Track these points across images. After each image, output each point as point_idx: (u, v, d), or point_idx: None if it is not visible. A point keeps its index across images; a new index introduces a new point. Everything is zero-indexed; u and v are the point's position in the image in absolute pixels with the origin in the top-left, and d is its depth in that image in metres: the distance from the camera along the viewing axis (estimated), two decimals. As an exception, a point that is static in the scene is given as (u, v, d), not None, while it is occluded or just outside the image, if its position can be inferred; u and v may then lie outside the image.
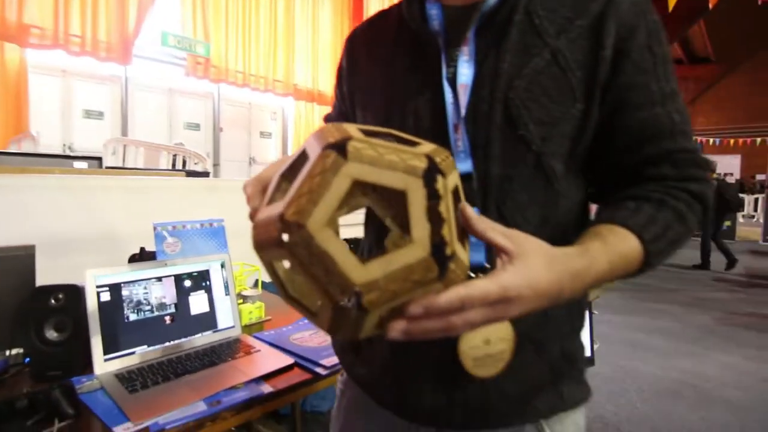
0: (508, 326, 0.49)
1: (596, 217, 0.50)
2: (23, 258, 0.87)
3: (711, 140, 10.92)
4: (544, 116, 0.49)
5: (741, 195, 8.13)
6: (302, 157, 0.38)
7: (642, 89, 0.49)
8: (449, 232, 0.35)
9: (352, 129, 0.36)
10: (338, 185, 0.33)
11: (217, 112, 5.43)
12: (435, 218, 0.34)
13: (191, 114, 5.24)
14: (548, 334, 0.52)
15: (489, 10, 0.50)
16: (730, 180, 9.62)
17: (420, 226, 0.34)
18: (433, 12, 0.53)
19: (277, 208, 0.34)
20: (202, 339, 0.99)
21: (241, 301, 1.20)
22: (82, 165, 2.46)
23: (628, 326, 3.54)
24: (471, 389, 0.51)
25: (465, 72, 0.50)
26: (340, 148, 0.33)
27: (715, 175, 6.34)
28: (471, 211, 0.37)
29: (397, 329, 0.34)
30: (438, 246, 0.34)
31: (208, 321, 1.02)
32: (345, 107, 0.66)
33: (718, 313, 3.93)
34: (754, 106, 11.53)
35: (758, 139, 10.48)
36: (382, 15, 0.64)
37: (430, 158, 0.35)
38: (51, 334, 0.82)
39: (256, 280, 1.55)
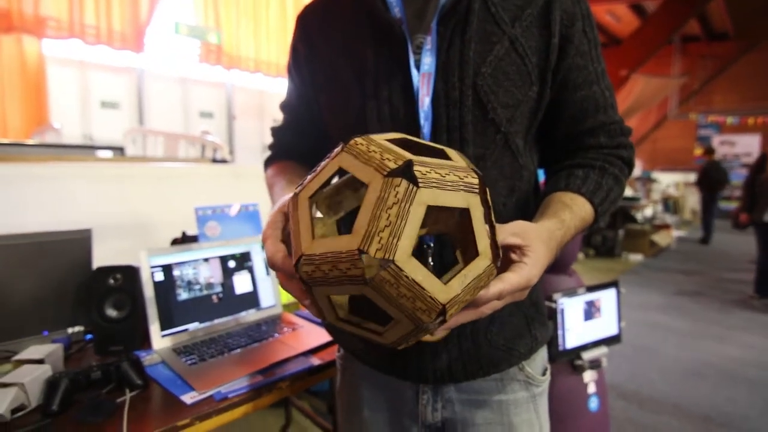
0: None
1: (553, 183, 0.59)
2: (80, 241, 0.92)
3: (729, 119, 10.70)
4: (508, 100, 0.54)
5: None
6: (351, 180, 0.41)
7: (582, 70, 0.58)
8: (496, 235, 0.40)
9: (396, 149, 0.36)
10: (416, 214, 0.33)
11: (231, 100, 5.45)
12: (491, 228, 0.39)
13: (205, 103, 5.27)
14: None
15: (448, 0, 0.53)
16: (747, 160, 9.49)
17: (482, 238, 0.38)
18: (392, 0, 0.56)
19: (347, 243, 0.34)
20: (247, 317, 1.04)
21: (277, 282, 1.24)
22: (106, 153, 2.52)
23: (648, 306, 3.54)
24: (466, 346, 0.58)
25: (427, 61, 0.54)
26: (407, 174, 0.33)
27: (711, 158, 6.50)
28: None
29: (443, 328, 0.40)
30: (496, 252, 0.39)
31: (251, 300, 1.06)
32: (305, 91, 0.66)
33: (737, 294, 3.92)
34: (772, 83, 11.25)
35: (778, 118, 10.24)
36: None
37: (478, 174, 0.38)
38: (111, 312, 0.87)
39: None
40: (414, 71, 0.54)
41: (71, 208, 1.35)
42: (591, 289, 1.31)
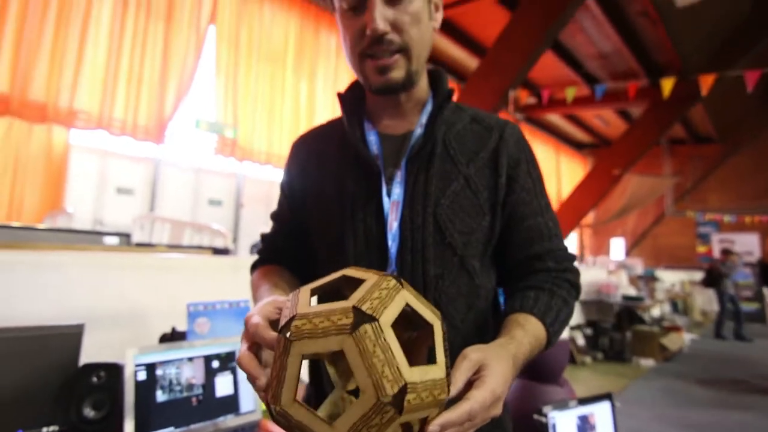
0: None
1: (509, 305, 0.65)
2: (72, 336, 0.94)
3: (726, 218, 10.92)
4: (463, 228, 0.63)
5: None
6: (351, 281, 0.46)
7: (527, 204, 0.67)
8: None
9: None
10: (398, 303, 0.42)
11: (240, 189, 5.71)
12: (447, 353, 0.45)
13: (215, 191, 5.52)
14: None
15: (416, 142, 0.65)
16: (749, 258, 9.54)
17: (441, 355, 0.44)
18: (372, 138, 0.68)
19: (342, 304, 0.40)
20: (225, 422, 1.01)
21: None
22: (112, 240, 2.60)
23: (661, 420, 3.29)
24: None
25: (397, 191, 0.64)
26: (398, 279, 0.44)
27: (733, 257, 6.58)
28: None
29: None
30: (449, 372, 0.44)
31: (232, 404, 1.05)
32: (295, 206, 0.75)
33: (758, 412, 3.54)
34: (762, 185, 11.66)
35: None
36: (328, 126, 0.77)
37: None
38: (89, 412, 0.86)
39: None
40: (385, 198, 0.63)
41: (69, 298, 1.38)
42: (583, 401, 1.28)
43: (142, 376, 0.93)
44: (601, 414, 1.29)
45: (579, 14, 6.39)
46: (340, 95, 0.72)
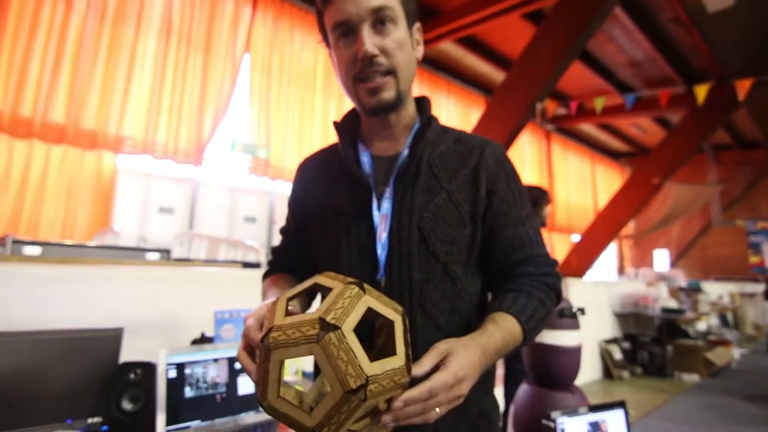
0: None
1: (490, 306, 0.71)
2: (112, 338, 1.07)
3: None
4: (445, 237, 0.70)
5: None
6: (323, 288, 0.54)
7: (507, 215, 0.74)
8: (410, 354, 0.52)
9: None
10: (360, 309, 0.49)
11: (273, 206, 5.94)
12: (408, 343, 0.52)
13: (250, 209, 5.77)
14: (465, 397, 0.67)
15: (403, 162, 0.73)
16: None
17: (401, 346, 0.51)
18: (365, 159, 0.77)
19: (310, 316, 0.48)
20: (246, 418, 1.10)
21: (283, 384, 1.31)
22: (154, 256, 2.79)
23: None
24: None
25: (386, 206, 0.72)
26: (360, 286, 0.51)
27: None
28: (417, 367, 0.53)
29: (387, 419, 0.50)
30: (408, 358, 0.51)
31: (252, 402, 1.14)
32: (300, 221, 0.85)
33: None
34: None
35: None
36: (329, 149, 0.86)
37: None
38: (127, 405, 0.97)
39: (297, 369, 1.67)
40: (375, 212, 0.72)
41: (114, 305, 1.53)
42: (595, 408, 1.28)
43: (172, 374, 1.04)
44: (614, 422, 1.29)
45: (608, 25, 6.32)
46: (335, 123, 0.82)
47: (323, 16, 0.74)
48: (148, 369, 1.00)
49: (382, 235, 0.70)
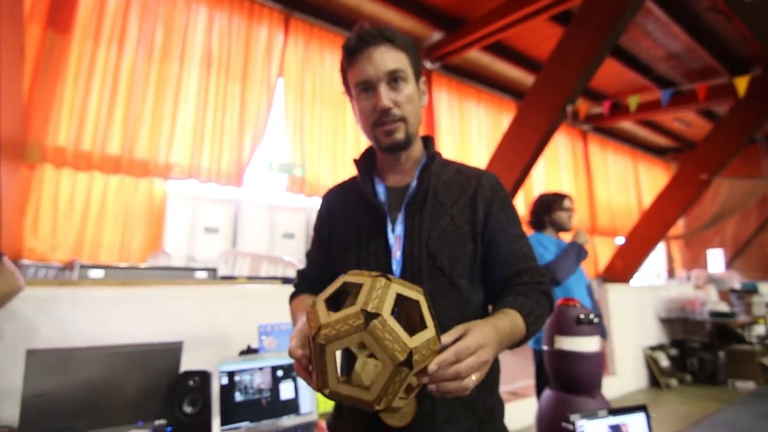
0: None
1: (493, 309, 0.79)
2: (174, 351, 1.23)
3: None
4: (450, 254, 0.82)
5: None
6: (351, 285, 0.65)
7: (503, 233, 0.86)
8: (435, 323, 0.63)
9: (366, 273, 0.64)
10: (391, 296, 0.60)
11: (309, 222, 6.18)
12: (434, 316, 0.63)
13: (288, 226, 6.03)
14: (472, 394, 0.76)
15: (412, 192, 0.87)
16: None
17: (429, 319, 0.63)
18: (380, 189, 0.91)
19: (352, 309, 0.58)
20: (287, 421, 1.24)
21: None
22: (202, 274, 3.03)
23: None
24: None
25: (399, 229, 0.85)
26: (385, 276, 0.61)
27: None
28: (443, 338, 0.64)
29: (426, 380, 0.61)
30: (437, 329, 0.62)
31: (293, 406, 1.27)
32: (324, 245, 0.97)
33: None
34: None
35: None
36: (349, 182, 1.00)
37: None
38: (187, 408, 1.13)
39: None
40: (390, 235, 0.85)
41: (169, 322, 1.72)
42: (615, 412, 1.32)
43: (224, 381, 1.18)
44: (635, 425, 1.32)
45: (641, 19, 6.18)
46: (355, 160, 0.96)
47: (347, 73, 0.90)
48: (204, 377, 1.15)
49: (397, 254, 0.83)
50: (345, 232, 0.91)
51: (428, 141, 0.95)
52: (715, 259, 11.99)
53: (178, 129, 4.72)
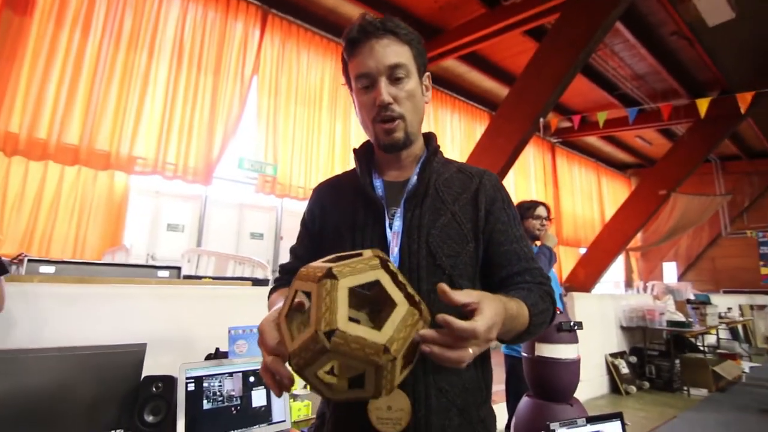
0: (406, 400, 0.70)
1: None
2: (136, 353, 1.13)
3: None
4: (451, 252, 0.78)
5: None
6: (298, 297, 0.59)
7: (503, 232, 0.83)
8: (412, 291, 0.58)
9: (323, 263, 0.56)
10: (343, 295, 0.52)
11: (279, 222, 6.03)
12: (401, 288, 0.57)
13: (256, 225, 5.86)
14: (467, 401, 0.74)
15: (412, 186, 0.83)
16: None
17: (396, 295, 0.56)
18: (378, 184, 0.86)
19: (308, 333, 0.50)
20: (259, 430, 1.16)
21: (292, 399, 1.37)
22: (164, 274, 2.87)
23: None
24: None
25: (397, 224, 0.81)
26: (330, 275, 0.53)
27: None
28: (445, 287, 0.59)
29: (425, 349, 0.55)
30: (413, 301, 0.56)
31: (265, 414, 1.19)
32: (314, 237, 0.91)
33: None
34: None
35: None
36: (344, 175, 0.95)
37: (379, 256, 0.57)
38: (148, 417, 1.03)
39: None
40: (388, 230, 0.80)
41: (130, 323, 1.60)
42: (592, 420, 1.32)
43: (191, 387, 1.10)
44: (614, 433, 1.32)
45: (610, 39, 6.43)
46: (355, 150, 0.91)
47: (348, 65, 0.85)
48: (168, 382, 1.06)
49: (394, 250, 0.78)
50: (338, 225, 0.86)
51: (430, 137, 0.92)
52: (670, 271, 12.57)
53: (143, 121, 4.50)
